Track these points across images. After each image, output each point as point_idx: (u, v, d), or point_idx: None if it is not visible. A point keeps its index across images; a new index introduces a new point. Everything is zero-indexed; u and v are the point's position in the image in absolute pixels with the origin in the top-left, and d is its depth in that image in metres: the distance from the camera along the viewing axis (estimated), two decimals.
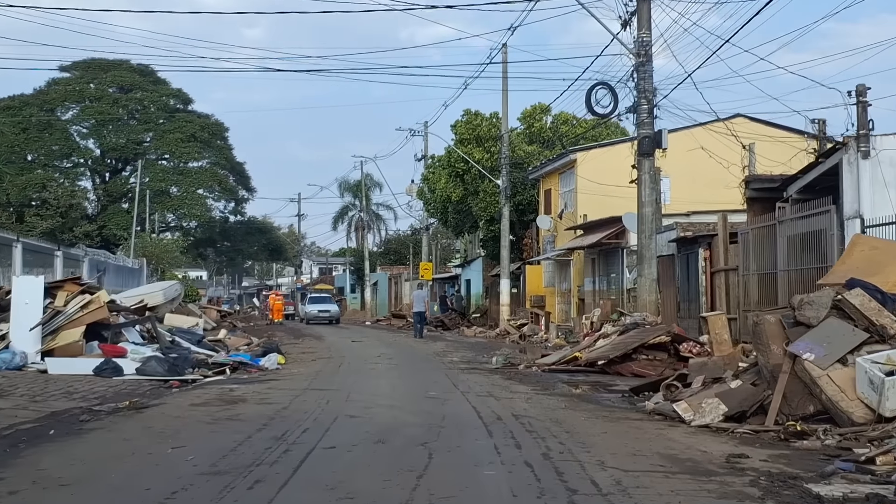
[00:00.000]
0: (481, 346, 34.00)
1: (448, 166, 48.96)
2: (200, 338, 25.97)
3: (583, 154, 42.31)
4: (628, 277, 35.46)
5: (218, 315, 55.28)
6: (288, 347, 31.82)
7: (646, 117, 24.53)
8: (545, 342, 33.98)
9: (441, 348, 31.57)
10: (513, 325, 41.15)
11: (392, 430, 11.80)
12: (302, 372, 21.49)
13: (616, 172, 40.46)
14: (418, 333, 41.68)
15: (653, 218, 25.08)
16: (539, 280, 46.78)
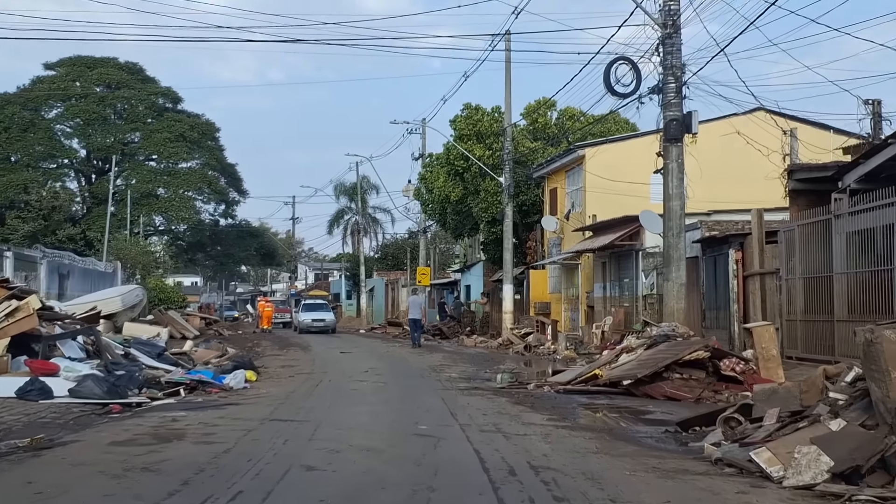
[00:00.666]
0: (482, 358, 30.51)
1: (447, 164, 45.46)
2: (162, 350, 22.54)
3: (592, 150, 38.90)
4: (644, 282, 31.99)
5: (202, 322, 51.97)
6: (268, 360, 28.51)
7: (673, 97, 21.07)
8: (553, 354, 30.50)
9: (438, 361, 28.04)
10: (516, 334, 37.66)
11: (361, 494, 8.31)
12: (271, 393, 18.02)
13: (628, 170, 37.10)
14: (415, 342, 38.73)
15: (681, 213, 21.67)
16: (544, 286, 43.30)
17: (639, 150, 38.94)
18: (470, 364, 26.75)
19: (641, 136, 39.82)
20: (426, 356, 30.71)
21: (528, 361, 29.18)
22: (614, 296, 36.02)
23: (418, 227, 56.94)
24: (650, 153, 38.78)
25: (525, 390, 18.32)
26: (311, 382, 20.27)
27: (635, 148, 38.92)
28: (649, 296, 31.42)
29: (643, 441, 11.71)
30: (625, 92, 21.61)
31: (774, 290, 22.68)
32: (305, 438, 11.55)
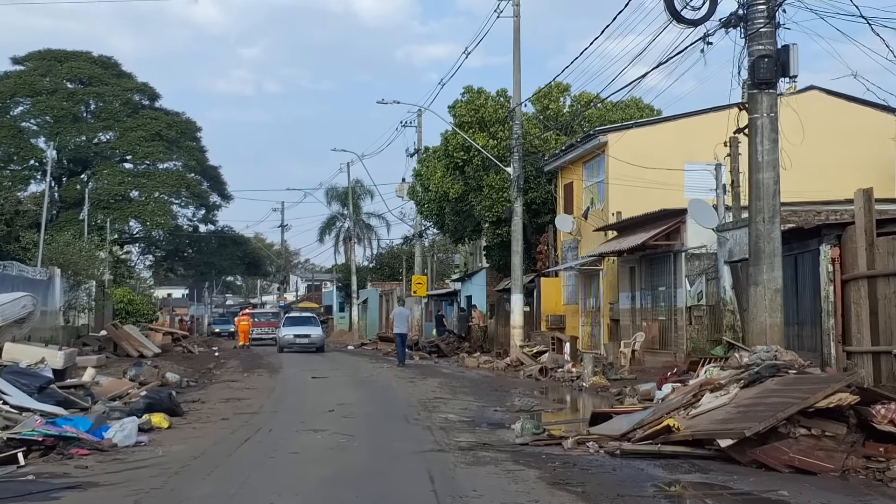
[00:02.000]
0: (488, 385, 23.95)
1: (445, 156, 38.83)
2: (47, 382, 15.90)
3: (615, 136, 32.37)
4: (689, 290, 25.40)
5: (167, 338, 45.44)
6: (215, 389, 22.33)
7: (762, 24, 14.57)
8: (577, 381, 23.84)
9: (432, 391, 21.34)
10: (528, 353, 31.05)
11: None
12: (171, 455, 11.49)
13: (658, 159, 30.79)
14: (401, 360, 33.58)
15: (775, 189, 15.10)
16: (557, 296, 36.73)
17: (670, 136, 32.62)
18: (473, 396, 20.15)
19: (673, 120, 33.56)
20: (418, 383, 24.01)
21: (545, 390, 22.67)
22: (646, 307, 29.47)
23: (413, 231, 49.94)
24: (684, 139, 32.38)
25: (561, 450, 11.70)
26: (240, 434, 13.58)
27: (666, 133, 32.59)
28: (696, 307, 24.85)
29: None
30: (694, 18, 15.03)
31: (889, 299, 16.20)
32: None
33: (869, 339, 16.57)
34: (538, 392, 21.84)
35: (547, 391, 22.15)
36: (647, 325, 28.73)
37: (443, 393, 20.78)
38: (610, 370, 24.34)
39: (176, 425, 14.53)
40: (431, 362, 35.44)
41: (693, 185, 29.88)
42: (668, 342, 27.75)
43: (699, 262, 25.26)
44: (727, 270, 22.83)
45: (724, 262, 22.91)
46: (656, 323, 28.35)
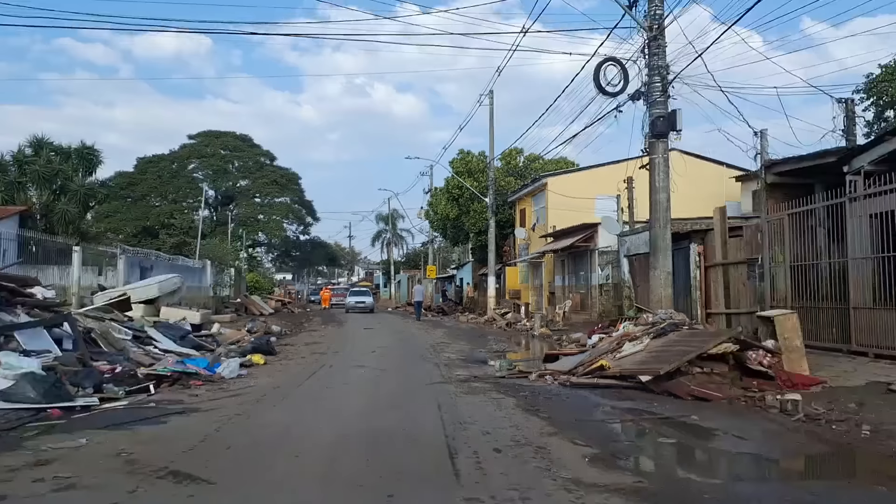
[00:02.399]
0: (475, 333, 21.99)
1: (447, 192, 37.00)
2: (185, 333, 14.08)
3: (552, 178, 30.60)
4: (599, 274, 23.50)
5: (278, 304, 43.52)
6: (303, 336, 20.31)
7: (658, 96, 12.70)
8: (530, 330, 21.88)
9: (439, 338, 19.35)
10: (498, 313, 29.12)
11: None
12: (258, 385, 9.59)
13: (577, 193, 28.90)
14: (418, 317, 32.15)
15: (667, 205, 13.16)
16: (516, 278, 34.83)
17: (585, 179, 30.74)
18: (466, 341, 18.19)
19: (588, 169, 31.66)
20: (430, 332, 22.07)
21: (510, 337, 20.80)
22: (571, 285, 27.57)
23: (428, 239, 48.14)
24: (594, 180, 30.45)
25: (528, 382, 9.84)
26: (309, 368, 11.68)
27: (583, 177, 30.71)
28: (605, 285, 22.96)
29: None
30: (614, 91, 13.13)
31: (740, 279, 14.37)
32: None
33: (724, 305, 14.75)
34: (506, 339, 19.92)
35: (511, 338, 20.24)
36: (572, 296, 26.82)
37: (446, 339, 18.87)
38: (551, 324, 22.44)
39: (269, 362, 12.66)
40: (438, 319, 33.43)
41: (601, 209, 27.93)
42: (586, 307, 25.83)
43: (606, 256, 23.36)
44: (626, 262, 20.90)
45: (623, 256, 20.99)
46: (578, 295, 26.45)
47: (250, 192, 61.82)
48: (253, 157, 63.40)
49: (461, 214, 36.42)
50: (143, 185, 60.11)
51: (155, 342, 12.68)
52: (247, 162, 63.03)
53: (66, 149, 29.92)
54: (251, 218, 60.10)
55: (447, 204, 36.84)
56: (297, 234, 64.25)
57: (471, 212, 35.54)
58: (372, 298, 42.41)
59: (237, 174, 62.56)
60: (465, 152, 36.26)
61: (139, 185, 60.47)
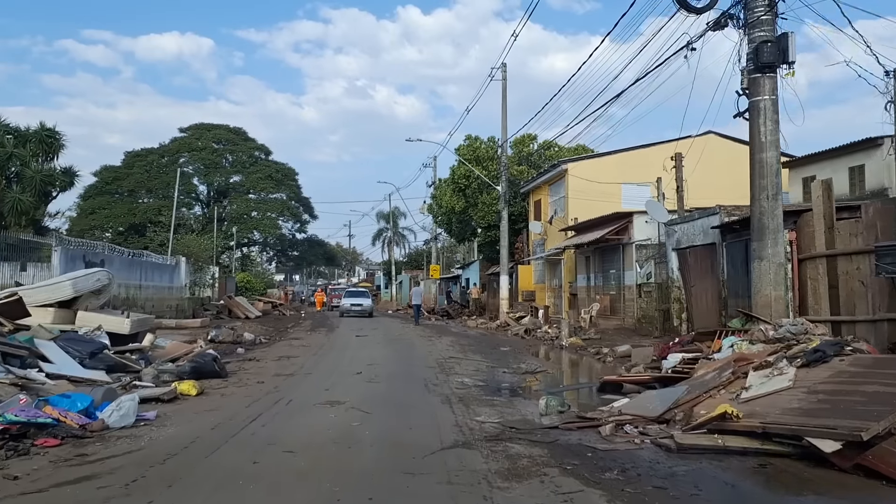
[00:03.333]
0: (488, 342, 18.02)
1: (452, 182, 32.98)
2: (98, 348, 9.98)
3: (574, 164, 26.58)
4: (638, 272, 19.45)
5: (266, 305, 39.51)
6: (281, 344, 16.56)
7: (763, 12, 8.80)
8: (556, 339, 17.86)
9: (446, 349, 15.33)
10: (512, 317, 25.15)
11: None
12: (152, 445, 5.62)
13: (602, 180, 25.09)
14: (417, 321, 28.37)
15: (778, 168, 9.25)
16: (529, 278, 30.81)
17: (611, 166, 26.72)
18: (481, 355, 14.19)
19: (613, 154, 27.60)
20: (434, 341, 17.98)
21: (533, 348, 16.78)
22: (598, 285, 23.55)
23: (431, 236, 43.99)
24: (620, 167, 26.52)
25: (601, 440, 5.83)
26: (260, 405, 7.64)
27: (608, 164, 26.62)
28: (645, 284, 18.94)
29: None
30: (700, 6, 9.17)
31: (855, 276, 10.38)
32: None
33: (828, 310, 10.75)
34: (528, 351, 15.95)
35: (535, 350, 16.25)
36: (600, 298, 22.81)
37: (454, 352, 14.86)
38: (579, 332, 18.41)
39: (209, 390, 8.76)
40: (443, 323, 29.48)
41: (629, 199, 24.12)
42: (617, 311, 21.84)
43: (646, 250, 19.36)
44: (674, 256, 16.91)
45: (671, 250, 16.97)
46: (607, 297, 22.43)
47: (243, 187, 57.88)
48: (247, 151, 59.56)
49: (468, 207, 32.42)
50: (130, 180, 56.28)
51: (47, 362, 8.75)
52: (240, 156, 59.19)
53: (24, 131, 25.98)
54: (244, 215, 56.14)
55: (453, 196, 32.84)
56: (292, 233, 60.20)
57: (479, 204, 31.55)
58: (371, 301, 36.67)
59: (230, 169, 58.66)
60: (473, 138, 32.29)
61: (126, 180, 56.64)
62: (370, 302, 35.79)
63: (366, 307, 34.25)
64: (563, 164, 26.53)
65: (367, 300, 35.73)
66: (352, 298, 35.54)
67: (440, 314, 34.52)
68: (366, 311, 33.85)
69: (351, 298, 35.58)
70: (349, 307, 34.06)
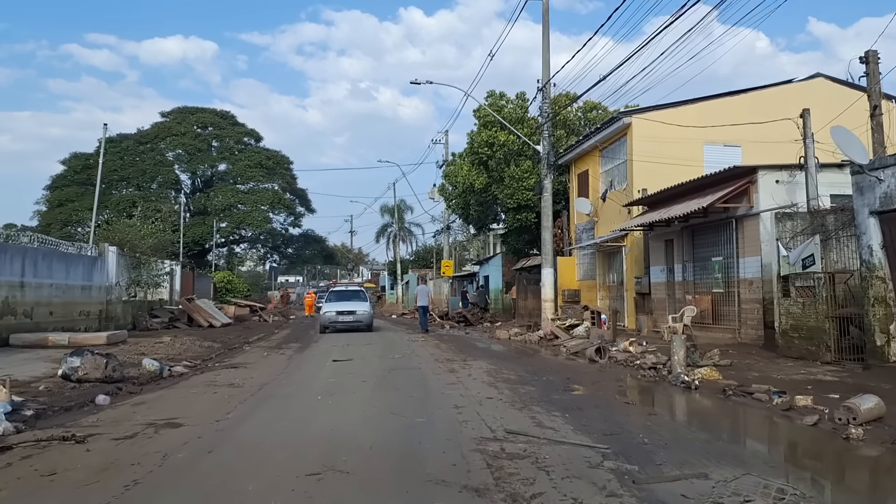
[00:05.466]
0: (548, 373, 10.67)
1: (470, 153, 25.68)
2: None
3: (639, 118, 19.27)
4: (784, 256, 12.03)
5: (243, 309, 32.33)
6: (199, 380, 9.27)
7: None
8: (662, 368, 10.55)
9: (485, 396, 8.09)
10: (560, 326, 17.82)
11: None
12: None
13: (677, 141, 17.95)
14: (423, 328, 22.15)
15: None
16: (572, 273, 23.48)
17: (690, 119, 19.61)
18: (559, 411, 6.89)
19: (691, 104, 20.39)
20: (459, 373, 10.51)
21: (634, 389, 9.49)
22: (687, 280, 16.19)
23: (442, 225, 36.45)
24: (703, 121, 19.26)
25: None
26: None
27: (683, 117, 19.50)
28: (802, 276, 11.53)
29: None
30: None
31: None
32: None
33: None
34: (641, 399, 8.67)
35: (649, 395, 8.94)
36: (694, 298, 15.50)
37: (508, 406, 7.54)
38: (694, 354, 11.03)
39: None
40: (462, 333, 22.17)
41: (713, 164, 16.92)
42: (725, 317, 14.53)
43: (791, 222, 12.05)
44: (873, 224, 9.66)
45: (868, 215, 9.73)
46: (708, 296, 15.11)
47: (230, 175, 50.82)
48: (235, 137, 52.60)
49: (491, 184, 25.13)
50: (103, 169, 49.34)
51: None
52: (227, 142, 52.22)
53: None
54: (231, 207, 49.05)
55: (471, 170, 25.57)
56: (285, 227, 53.02)
57: (505, 178, 24.26)
58: (369, 305, 24.17)
59: (216, 156, 51.64)
60: (497, 95, 24.96)
61: (96, 169, 49.74)
62: (368, 308, 23.29)
63: (361, 316, 22.38)
64: (624, 118, 19.22)
65: (364, 305, 23.27)
66: (338, 303, 23.07)
67: (457, 319, 27.25)
68: (361, 322, 22.27)
69: (337, 304, 23.08)
70: (335, 317, 22.26)
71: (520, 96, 24.92)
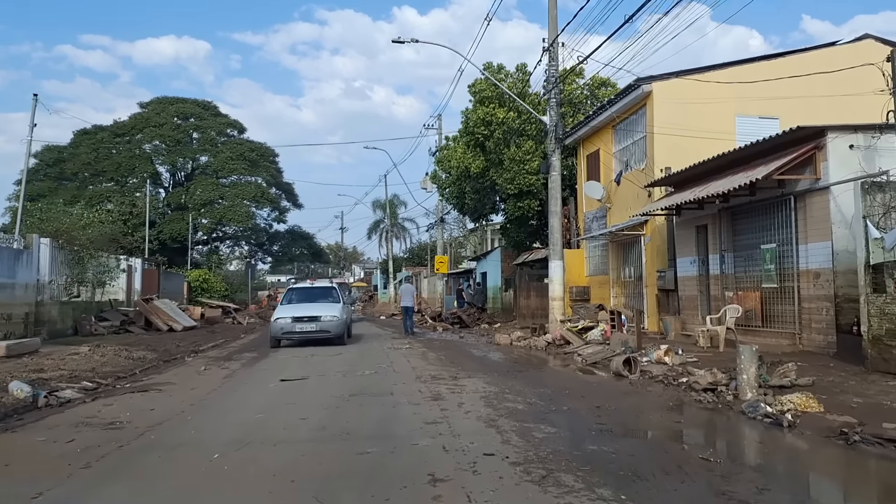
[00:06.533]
0: (568, 397, 7.77)
1: (465, 134, 22.75)
2: None
3: (661, 85, 16.39)
4: (877, 239, 9.18)
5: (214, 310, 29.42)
6: (79, 411, 5.70)
7: None
8: (724, 392, 7.64)
9: (475, 431, 5.27)
10: (572, 328, 14.90)
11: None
12: None
13: (705, 113, 15.15)
14: (407, 330, 20.07)
15: None
16: (581, 267, 20.61)
17: (719, 88, 16.76)
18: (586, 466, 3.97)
19: (720, 69, 17.60)
20: (446, 401, 7.67)
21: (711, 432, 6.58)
22: (726, 274, 13.24)
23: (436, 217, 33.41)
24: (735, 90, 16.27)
25: None
26: None
27: (711, 86, 16.66)
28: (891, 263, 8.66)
29: None
30: None
31: None
32: None
33: None
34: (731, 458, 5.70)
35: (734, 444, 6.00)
36: (736, 295, 12.61)
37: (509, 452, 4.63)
38: (760, 368, 8.09)
39: None
40: (456, 336, 19.25)
41: (747, 138, 14.03)
42: (780, 318, 11.62)
43: (882, 195, 9.15)
44: None
45: None
46: (755, 293, 12.21)
47: (211, 168, 47.79)
48: (217, 127, 49.61)
49: (489, 168, 22.21)
50: (76, 162, 46.34)
51: None
52: (209, 133, 49.21)
53: None
54: (212, 202, 46.02)
55: (466, 153, 22.66)
56: (269, 223, 50.04)
57: (504, 161, 21.34)
58: (341, 308, 16.96)
59: (196, 148, 48.64)
60: (495, 67, 22.00)
61: (69, 163, 46.71)
62: (339, 312, 16.54)
63: (328, 324, 16.05)
64: (643, 85, 16.31)
65: (333, 309, 16.67)
66: (296, 307, 16.88)
67: (451, 320, 24.34)
68: (329, 334, 16.05)
69: (295, 307, 16.91)
70: (289, 327, 15.97)
71: (520, 68, 22.01)
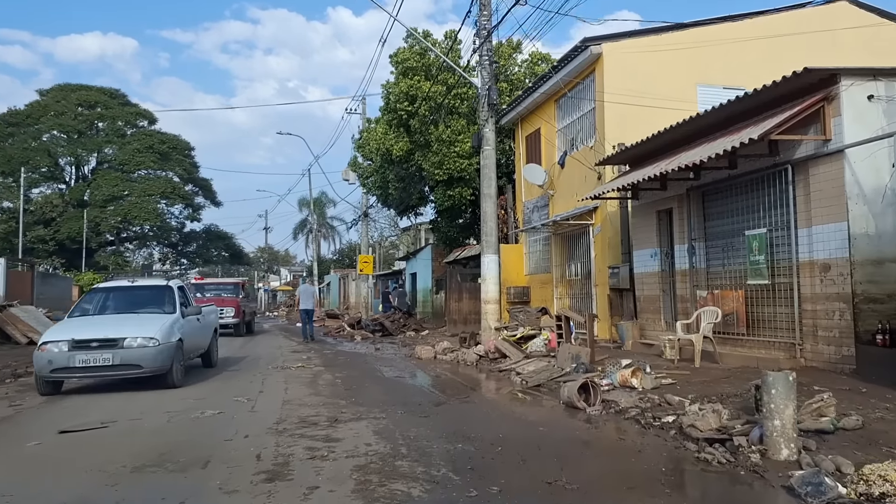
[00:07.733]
0: (491, 444, 4.88)
1: (387, 112, 19.67)
2: None
3: (612, 46, 13.79)
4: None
5: None
6: None
7: None
8: (725, 444, 5.01)
9: None
10: (509, 337, 12.08)
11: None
12: None
13: (662, 81, 12.59)
14: (305, 336, 18.40)
15: None
16: (519, 265, 17.87)
17: (677, 54, 14.36)
18: None
19: (678, 30, 15.19)
20: (298, 459, 4.81)
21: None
22: (697, 268, 10.61)
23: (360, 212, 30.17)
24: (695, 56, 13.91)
25: None
26: None
27: (667, 50, 14.23)
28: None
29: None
30: None
31: None
32: None
33: None
34: None
35: None
36: (711, 295, 10.05)
37: None
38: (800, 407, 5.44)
39: None
40: (373, 348, 16.15)
41: (707, 103, 11.58)
42: (771, 324, 9.00)
43: None
44: None
45: None
46: (737, 292, 9.63)
47: (115, 161, 43.20)
48: (125, 117, 45.03)
49: (414, 150, 19.23)
50: None
51: None
52: (115, 123, 44.59)
53: None
54: (116, 198, 41.50)
55: (388, 132, 19.62)
56: (181, 221, 45.71)
57: (432, 143, 18.40)
58: (169, 325, 9.25)
59: (101, 139, 43.92)
60: (422, 34, 19.02)
61: None
62: (159, 335, 8.89)
63: (137, 357, 8.68)
64: (591, 46, 13.67)
65: (150, 326, 9.05)
66: (84, 325, 9.23)
67: (372, 328, 21.20)
68: (143, 370, 8.71)
69: (81, 325, 9.21)
70: (64, 361, 8.47)
71: (448, 35, 19.16)
